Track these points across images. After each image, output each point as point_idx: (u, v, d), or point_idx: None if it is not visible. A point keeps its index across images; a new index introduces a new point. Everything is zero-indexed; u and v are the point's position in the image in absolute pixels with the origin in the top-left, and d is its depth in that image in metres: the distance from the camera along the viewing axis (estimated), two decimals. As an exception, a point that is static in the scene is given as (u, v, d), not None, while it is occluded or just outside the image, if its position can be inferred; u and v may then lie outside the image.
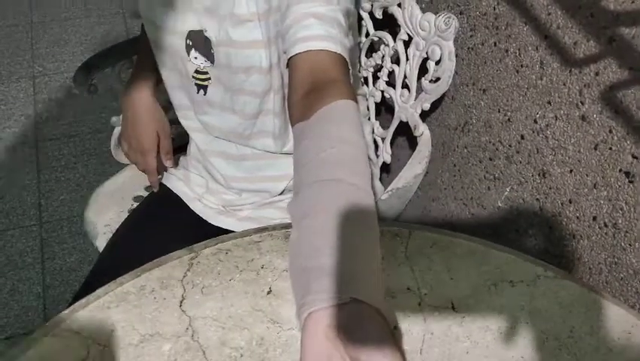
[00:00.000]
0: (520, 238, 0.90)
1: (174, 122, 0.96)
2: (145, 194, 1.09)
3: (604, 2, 0.67)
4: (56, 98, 2.11)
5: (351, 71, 0.71)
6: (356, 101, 0.64)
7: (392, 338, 0.46)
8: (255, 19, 0.74)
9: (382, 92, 1.03)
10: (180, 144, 1.03)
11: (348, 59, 0.70)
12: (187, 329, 0.58)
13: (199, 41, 0.79)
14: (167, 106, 0.95)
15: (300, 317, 0.49)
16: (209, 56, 0.80)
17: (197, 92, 0.85)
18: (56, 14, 2.48)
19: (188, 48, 0.81)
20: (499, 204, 0.94)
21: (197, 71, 0.83)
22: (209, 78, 0.83)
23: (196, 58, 0.81)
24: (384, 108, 1.19)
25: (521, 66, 0.82)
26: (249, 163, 0.92)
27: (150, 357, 0.55)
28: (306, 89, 0.65)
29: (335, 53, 0.68)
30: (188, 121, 0.93)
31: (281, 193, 0.93)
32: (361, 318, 0.47)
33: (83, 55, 2.23)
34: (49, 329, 0.57)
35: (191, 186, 0.96)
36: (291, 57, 0.69)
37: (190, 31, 0.79)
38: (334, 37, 0.68)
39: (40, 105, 2.08)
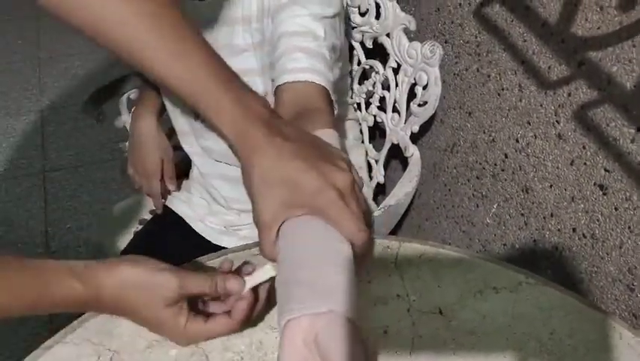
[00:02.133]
0: (508, 252, 0.94)
1: (178, 147, 1.01)
2: (149, 217, 1.14)
3: (573, 29, 0.73)
4: (63, 130, 2.18)
5: (337, 99, 0.75)
6: (337, 130, 0.68)
7: (364, 349, 0.49)
8: (251, 49, 0.80)
9: (374, 116, 1.09)
10: (184, 168, 1.08)
11: (331, 91, 0.74)
12: (191, 335, 0.62)
13: None
14: (170, 133, 1.01)
15: (279, 325, 0.51)
16: None
17: (196, 120, 0.91)
18: (63, 50, 2.57)
19: None
20: (488, 221, 0.98)
21: None
22: None
23: None
24: (377, 132, 1.25)
25: (502, 89, 0.88)
26: None
27: (157, 361, 0.59)
28: (292, 116, 0.68)
29: (319, 85, 0.72)
30: (189, 146, 0.98)
31: None
32: (336, 328, 0.48)
33: (88, 88, 2.30)
34: (62, 336, 0.61)
35: (194, 207, 1.01)
36: (279, 85, 0.73)
37: None
38: (319, 70, 0.72)
39: (47, 137, 2.15)
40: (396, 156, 1.19)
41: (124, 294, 0.56)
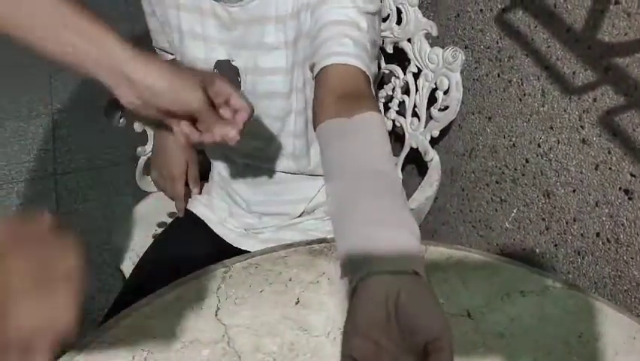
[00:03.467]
0: (527, 257, 0.95)
1: (201, 151, 1.02)
2: (168, 220, 1.14)
3: (599, 35, 0.74)
4: (74, 133, 2.19)
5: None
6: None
7: (443, 313, 0.48)
8: (282, 47, 0.80)
9: (393, 120, 1.10)
10: (204, 171, 1.09)
11: (372, 82, 0.76)
12: (223, 336, 0.62)
13: (226, 69, 0.85)
14: None
15: (352, 277, 0.51)
16: (235, 82, 0.85)
17: None
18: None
19: (217, 65, 0.85)
20: (507, 225, 0.99)
21: None
22: None
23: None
24: (394, 137, 1.25)
25: (524, 95, 0.89)
26: (268, 187, 0.97)
27: (191, 361, 0.60)
28: (339, 95, 0.70)
29: (365, 72, 0.74)
30: (210, 149, 0.99)
31: (300, 215, 0.98)
32: (418, 290, 0.49)
33: (99, 93, 2.31)
34: (97, 336, 0.62)
35: (215, 210, 1.02)
36: (325, 67, 0.73)
37: (217, 61, 0.85)
38: (363, 59, 0.74)
39: (58, 140, 2.15)
40: (412, 161, 1.19)
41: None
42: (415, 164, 1.22)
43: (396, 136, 1.23)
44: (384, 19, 1.02)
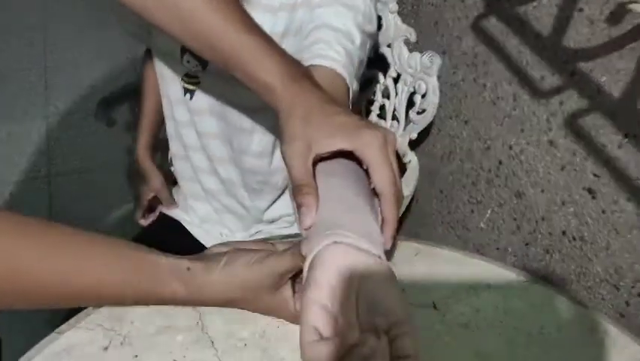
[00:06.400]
0: (501, 256, 0.98)
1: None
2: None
3: (565, 41, 0.77)
4: (68, 136, 2.22)
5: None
6: None
7: (406, 300, 0.49)
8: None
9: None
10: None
11: (351, 98, 0.75)
12: (197, 323, 0.65)
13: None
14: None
15: (317, 245, 0.49)
16: (202, 60, 0.84)
17: (184, 96, 0.89)
18: (69, 59, 2.62)
19: (183, 51, 0.85)
20: (482, 226, 1.02)
21: (187, 75, 0.87)
22: (199, 82, 0.87)
23: (188, 62, 0.85)
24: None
25: (497, 99, 0.92)
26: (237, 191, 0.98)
27: (165, 346, 0.62)
28: None
29: (348, 86, 0.73)
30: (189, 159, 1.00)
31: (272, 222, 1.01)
32: (383, 272, 0.49)
33: (94, 97, 2.35)
34: (75, 322, 0.64)
35: (190, 213, 1.04)
36: (313, 65, 0.72)
37: None
38: (350, 73, 0.74)
39: (52, 143, 2.18)
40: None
41: (228, 295, 0.59)
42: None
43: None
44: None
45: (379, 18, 1.04)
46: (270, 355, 0.62)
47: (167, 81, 0.92)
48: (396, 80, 1.05)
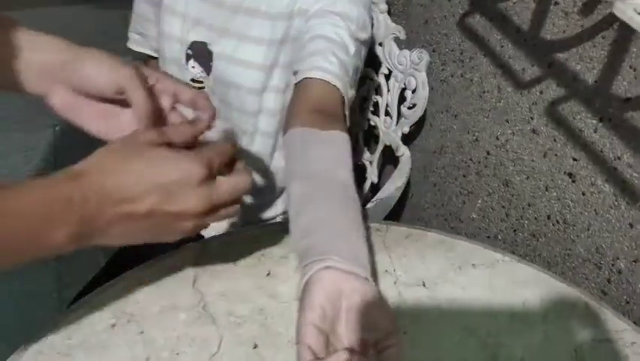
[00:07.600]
0: (491, 244, 1.01)
1: None
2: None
3: (543, 33, 0.81)
4: (75, 145, 2.26)
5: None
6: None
7: (393, 313, 0.54)
8: (264, 44, 0.83)
9: (368, 120, 1.17)
10: None
11: (347, 107, 0.79)
12: (199, 301, 0.69)
13: (200, 52, 0.87)
14: None
15: (308, 268, 0.54)
16: (206, 67, 0.88)
17: None
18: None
19: (188, 57, 0.89)
20: (474, 216, 1.06)
21: (193, 80, 0.90)
22: (204, 87, 0.91)
23: (194, 67, 0.89)
24: (371, 136, 1.33)
25: (483, 92, 0.96)
26: None
27: (169, 323, 0.66)
28: (315, 108, 0.74)
29: (342, 96, 0.77)
30: None
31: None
32: (370, 290, 0.54)
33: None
34: (84, 302, 0.68)
35: None
36: (308, 77, 0.76)
37: (193, 42, 0.87)
38: (345, 82, 0.77)
39: (59, 152, 2.23)
40: (390, 161, 1.26)
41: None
42: (393, 164, 1.29)
43: (372, 135, 1.30)
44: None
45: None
46: (267, 330, 0.66)
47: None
48: (387, 77, 1.09)
